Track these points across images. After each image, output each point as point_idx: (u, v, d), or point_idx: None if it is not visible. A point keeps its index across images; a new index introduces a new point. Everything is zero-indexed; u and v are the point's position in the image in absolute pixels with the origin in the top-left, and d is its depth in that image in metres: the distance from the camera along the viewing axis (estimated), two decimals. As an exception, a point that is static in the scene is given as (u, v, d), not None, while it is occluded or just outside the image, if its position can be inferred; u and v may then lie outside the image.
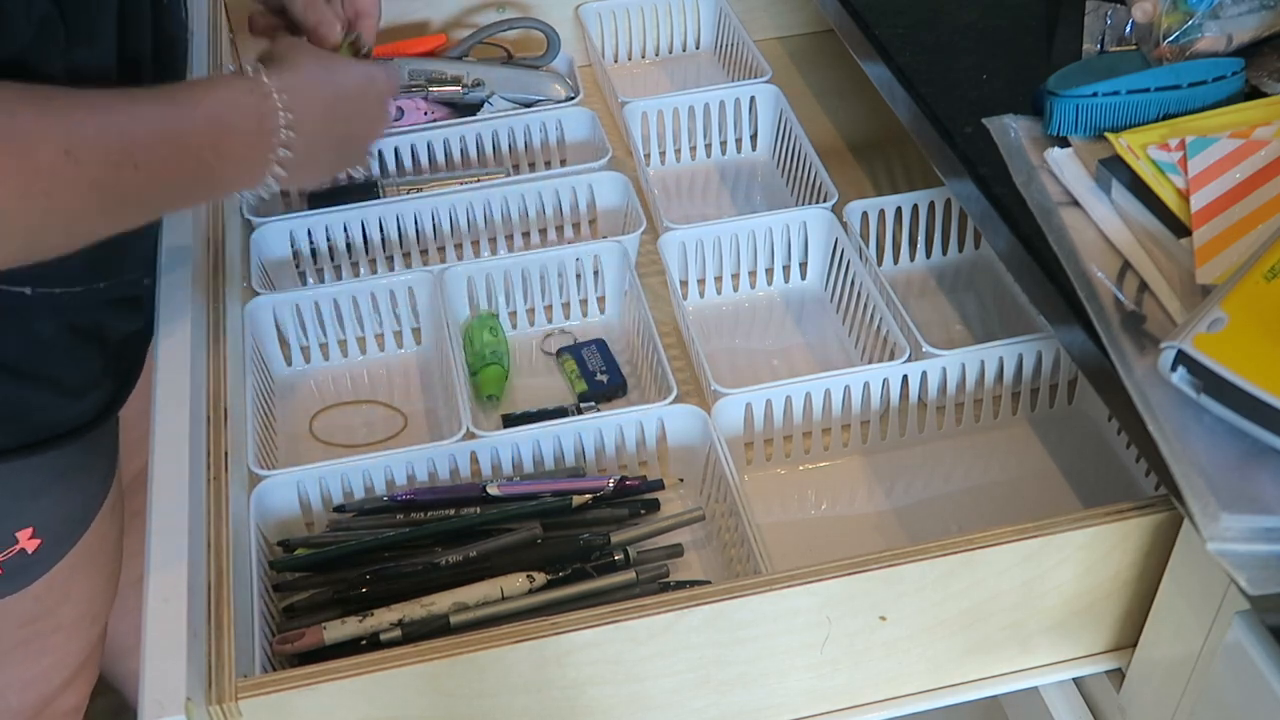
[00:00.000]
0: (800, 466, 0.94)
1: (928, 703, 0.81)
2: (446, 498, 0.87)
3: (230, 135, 0.73)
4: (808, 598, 0.72)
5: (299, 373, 1.03)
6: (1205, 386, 0.66)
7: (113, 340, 0.87)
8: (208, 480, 0.78)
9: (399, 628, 0.78)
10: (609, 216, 1.12)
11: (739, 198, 1.19)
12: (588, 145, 1.18)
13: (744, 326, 1.06)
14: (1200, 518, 0.63)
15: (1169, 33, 0.85)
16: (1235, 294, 0.68)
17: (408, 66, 1.21)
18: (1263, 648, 0.65)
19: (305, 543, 0.86)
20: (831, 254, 1.04)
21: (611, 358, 1.02)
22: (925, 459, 0.94)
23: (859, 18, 1.02)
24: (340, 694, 0.68)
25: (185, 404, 0.79)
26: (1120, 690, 0.81)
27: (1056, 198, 0.82)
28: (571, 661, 0.71)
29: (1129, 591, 0.78)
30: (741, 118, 1.21)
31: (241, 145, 0.74)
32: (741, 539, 0.81)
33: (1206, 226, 0.76)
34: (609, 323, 1.06)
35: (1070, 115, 0.84)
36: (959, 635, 0.77)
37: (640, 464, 0.93)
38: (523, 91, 1.22)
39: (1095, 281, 0.76)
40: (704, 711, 0.76)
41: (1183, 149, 0.80)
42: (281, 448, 0.96)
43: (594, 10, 1.33)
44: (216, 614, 0.71)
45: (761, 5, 1.36)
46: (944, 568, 0.73)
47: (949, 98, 0.92)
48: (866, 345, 0.99)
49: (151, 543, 0.71)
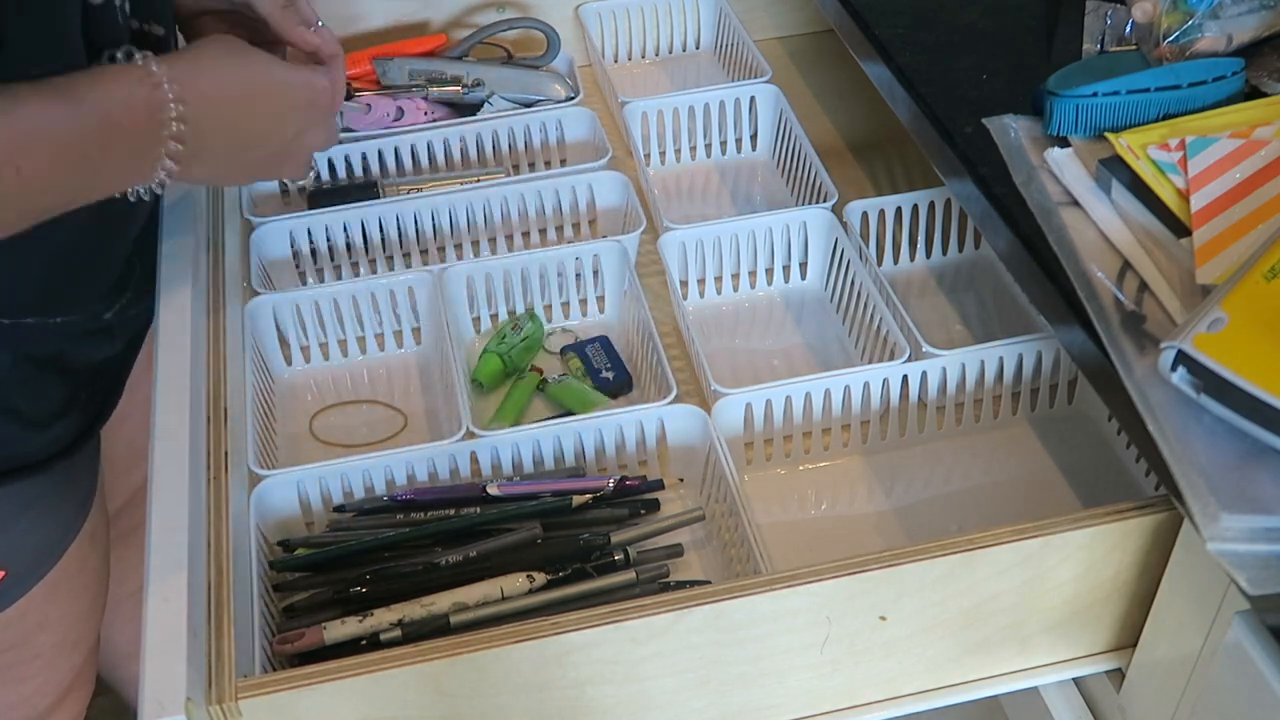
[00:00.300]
0: (800, 466, 0.94)
1: (927, 703, 0.81)
2: (446, 498, 0.87)
3: (117, 131, 0.70)
4: (808, 598, 0.72)
5: (299, 373, 1.03)
6: (1205, 386, 0.66)
7: (81, 370, 0.85)
8: (208, 480, 0.78)
9: (399, 628, 0.78)
10: (609, 216, 1.12)
11: (739, 198, 1.19)
12: (588, 145, 1.18)
13: (744, 326, 1.06)
14: (1200, 518, 0.63)
15: (1169, 33, 0.85)
16: (1235, 294, 0.68)
17: (408, 66, 1.21)
18: (1263, 648, 0.65)
19: (305, 543, 0.86)
20: (831, 254, 1.04)
21: (616, 354, 1.02)
22: (925, 459, 0.94)
23: (859, 18, 1.02)
24: (340, 694, 0.68)
25: (185, 404, 0.79)
26: (1120, 690, 0.81)
27: (1056, 198, 0.82)
28: (571, 661, 0.71)
29: (1129, 591, 0.78)
30: (741, 118, 1.21)
31: (129, 141, 0.71)
32: (741, 539, 0.81)
33: (1206, 226, 0.76)
34: (609, 323, 1.06)
35: (1070, 115, 0.84)
36: (959, 635, 0.77)
37: (640, 464, 0.93)
38: (523, 91, 1.22)
39: (1095, 281, 0.76)
40: (704, 711, 0.76)
41: (1183, 149, 0.80)
42: (281, 448, 0.96)
43: (594, 10, 1.33)
44: (216, 614, 0.71)
45: (761, 5, 1.36)
46: (944, 568, 0.73)
47: (949, 98, 0.92)
48: (866, 345, 0.99)
49: (151, 543, 0.71)
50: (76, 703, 1.01)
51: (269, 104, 0.80)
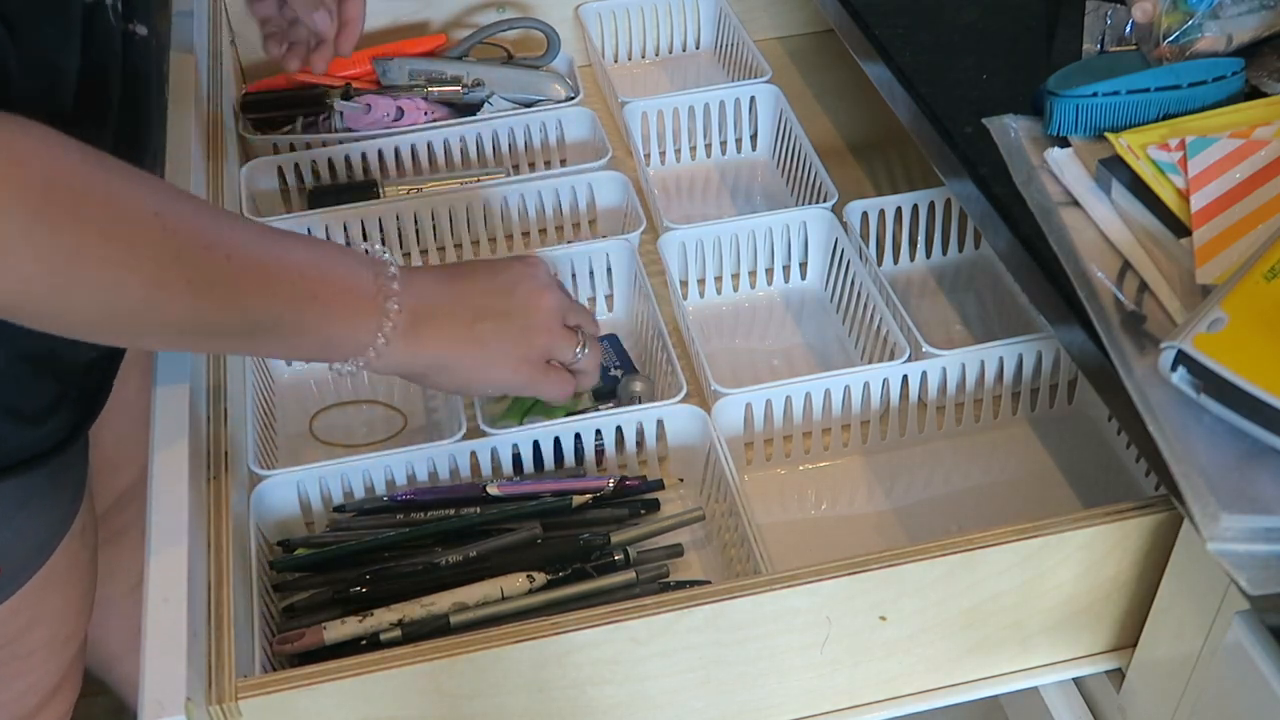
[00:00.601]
0: (800, 466, 0.94)
1: (928, 703, 0.81)
2: (446, 498, 0.87)
3: (334, 275, 0.72)
4: (808, 598, 0.72)
5: (299, 372, 1.03)
6: (1205, 386, 0.66)
7: (73, 367, 0.85)
8: (208, 480, 0.78)
9: (399, 628, 0.78)
10: (609, 216, 1.12)
11: (739, 198, 1.19)
12: (588, 145, 1.18)
13: (744, 326, 1.06)
14: (1200, 518, 0.63)
15: (1169, 33, 0.85)
16: (1235, 294, 0.68)
17: (408, 66, 1.21)
18: (1263, 648, 0.65)
19: (305, 543, 0.86)
20: (831, 254, 1.04)
21: (624, 351, 1.02)
22: (925, 459, 0.94)
23: (859, 18, 1.02)
24: (340, 694, 0.68)
25: (185, 404, 0.79)
26: (1120, 690, 0.81)
27: (1056, 198, 0.82)
28: (571, 661, 0.71)
29: (1129, 591, 0.78)
30: (741, 118, 1.21)
31: (345, 289, 0.72)
32: (741, 539, 0.81)
33: (1206, 226, 0.76)
34: (615, 322, 1.06)
35: (1070, 115, 0.84)
36: (959, 635, 0.77)
37: (640, 464, 0.93)
38: (523, 91, 1.22)
39: (1095, 281, 0.76)
40: (704, 711, 0.76)
41: (1183, 149, 0.80)
42: (281, 448, 0.96)
43: (594, 10, 1.32)
44: (216, 614, 0.71)
45: (761, 5, 1.36)
46: (944, 568, 0.73)
47: (949, 98, 0.92)
48: (866, 345, 0.99)
49: (151, 543, 0.71)
50: (64, 701, 1.01)
51: (487, 270, 0.81)
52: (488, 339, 0.79)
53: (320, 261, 0.72)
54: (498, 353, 0.79)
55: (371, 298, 0.73)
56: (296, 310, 0.70)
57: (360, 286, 0.73)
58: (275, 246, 0.70)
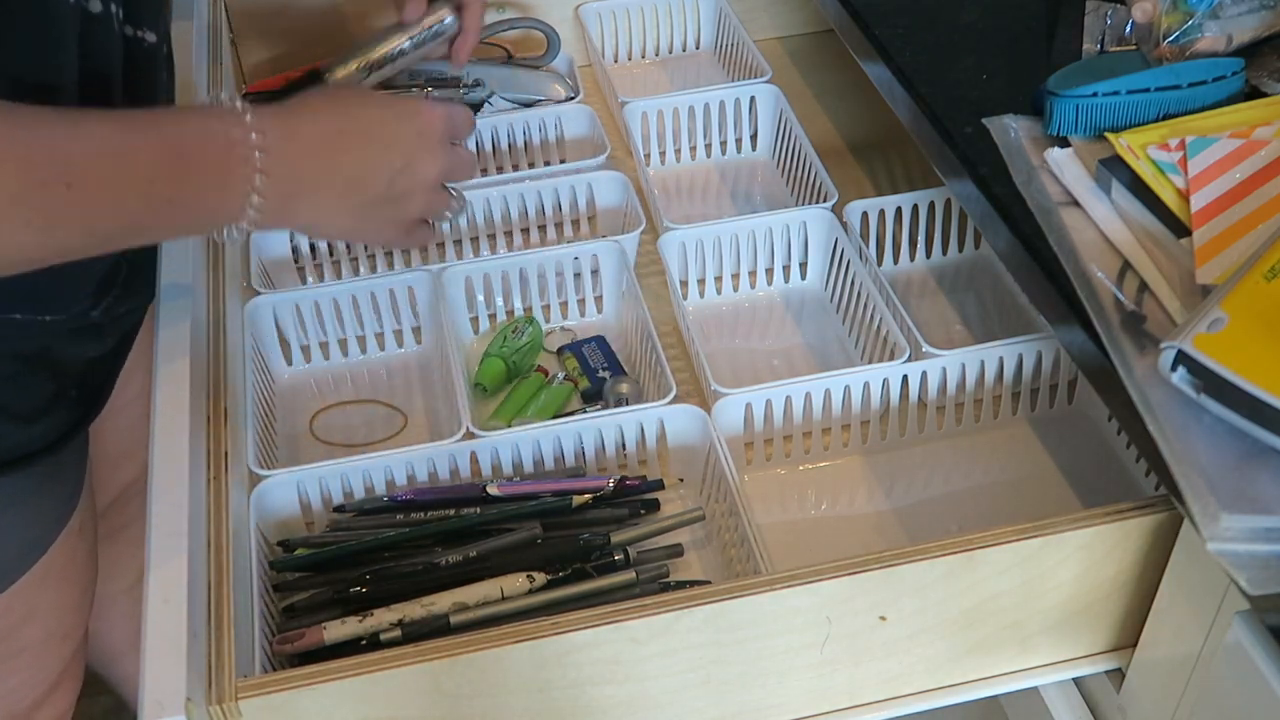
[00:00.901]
0: (800, 466, 0.94)
1: (928, 703, 0.81)
2: (446, 498, 0.87)
3: (190, 161, 0.68)
4: (808, 598, 0.72)
5: (299, 372, 1.03)
6: (1205, 386, 0.66)
7: (71, 367, 0.85)
8: (208, 480, 0.78)
9: (399, 628, 0.78)
10: (608, 216, 1.12)
11: (739, 198, 1.19)
12: (587, 145, 1.18)
13: (744, 326, 1.06)
14: (1200, 518, 0.63)
15: (1169, 33, 0.85)
16: (1235, 294, 0.68)
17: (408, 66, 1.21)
18: (1263, 648, 0.65)
19: (305, 543, 0.86)
20: (831, 254, 1.04)
21: (612, 354, 1.02)
22: (925, 459, 0.94)
23: (859, 18, 1.02)
24: (340, 694, 0.68)
25: (185, 404, 0.79)
26: (1120, 690, 0.81)
27: (1056, 198, 0.82)
28: (571, 661, 0.71)
29: (1129, 591, 0.78)
30: (741, 118, 1.21)
31: (205, 173, 0.69)
32: (741, 539, 0.81)
33: (1206, 226, 0.76)
34: (607, 322, 1.06)
35: (1070, 115, 0.84)
36: (959, 635, 0.77)
37: (640, 464, 0.93)
38: (523, 91, 1.22)
39: (1095, 281, 0.76)
40: (704, 711, 0.76)
41: (1183, 149, 0.80)
42: (281, 448, 0.96)
43: (594, 10, 1.33)
44: (216, 614, 0.71)
45: (761, 5, 1.36)
46: (944, 568, 0.73)
47: (949, 98, 0.92)
48: (866, 345, 0.99)
49: (151, 543, 0.71)
50: (65, 697, 1.01)
51: (368, 139, 0.77)
52: (362, 212, 0.78)
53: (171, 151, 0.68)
54: (371, 225, 0.80)
55: (234, 173, 0.70)
56: (152, 215, 0.69)
57: (220, 165, 0.70)
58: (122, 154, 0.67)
